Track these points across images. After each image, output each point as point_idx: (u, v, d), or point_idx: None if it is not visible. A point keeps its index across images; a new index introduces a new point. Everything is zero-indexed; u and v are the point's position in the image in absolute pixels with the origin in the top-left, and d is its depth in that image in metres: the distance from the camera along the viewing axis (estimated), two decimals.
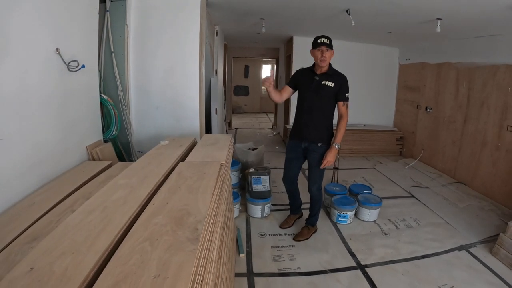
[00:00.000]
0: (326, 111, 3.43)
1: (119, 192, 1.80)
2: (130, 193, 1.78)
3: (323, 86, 3.40)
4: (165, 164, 2.29)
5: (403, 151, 7.47)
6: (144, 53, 4.03)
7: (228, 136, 3.15)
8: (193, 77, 4.00)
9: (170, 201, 1.65)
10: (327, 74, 3.43)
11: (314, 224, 3.82)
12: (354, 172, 6.09)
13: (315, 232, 3.85)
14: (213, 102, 6.26)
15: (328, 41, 3.28)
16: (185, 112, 4.10)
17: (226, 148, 2.71)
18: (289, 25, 5.98)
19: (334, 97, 3.40)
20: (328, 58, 3.34)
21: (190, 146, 2.90)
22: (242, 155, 4.74)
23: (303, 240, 3.70)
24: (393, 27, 5.32)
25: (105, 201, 1.69)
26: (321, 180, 3.60)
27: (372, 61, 7.71)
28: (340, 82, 3.39)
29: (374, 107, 7.90)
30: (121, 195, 1.76)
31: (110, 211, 1.58)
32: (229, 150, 2.78)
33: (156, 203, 1.64)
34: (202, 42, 4.11)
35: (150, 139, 4.19)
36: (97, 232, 1.37)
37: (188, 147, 2.84)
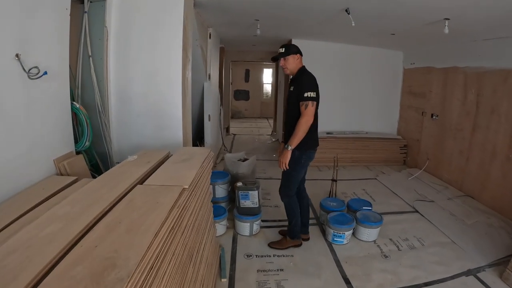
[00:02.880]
0: (295, 117, 3.17)
1: (53, 225, 1.50)
2: (63, 228, 1.47)
3: (290, 93, 3.36)
4: (120, 187, 1.96)
5: (407, 160, 7.09)
6: (125, 57, 3.74)
7: (205, 151, 2.81)
8: (176, 82, 3.68)
9: (101, 244, 1.33)
10: (293, 79, 3.36)
11: (293, 237, 3.58)
12: (355, 184, 5.73)
13: (297, 246, 3.61)
14: (206, 108, 5.97)
15: (283, 49, 3.29)
16: (168, 121, 3.79)
17: (198, 166, 2.38)
18: (286, 27, 5.66)
19: (298, 101, 3.16)
20: (290, 65, 3.30)
21: (160, 162, 2.57)
22: (232, 166, 4.41)
23: (276, 248, 3.57)
24: (397, 28, 4.97)
25: (33, 237, 1.41)
26: (286, 188, 3.42)
27: (375, 65, 7.34)
28: (298, 83, 3.24)
29: (377, 113, 7.54)
30: (53, 230, 1.46)
31: (32, 253, 1.29)
32: (202, 168, 2.46)
33: (84, 245, 1.33)
34: (187, 45, 3.80)
35: (132, 149, 3.87)
36: (4, 284, 1.10)
37: (156, 164, 2.51)
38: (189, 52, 3.86)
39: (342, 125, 7.36)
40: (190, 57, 3.93)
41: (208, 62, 5.84)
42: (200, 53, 5.18)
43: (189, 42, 3.87)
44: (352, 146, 6.82)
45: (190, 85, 4.03)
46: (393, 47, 7.07)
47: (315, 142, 3.38)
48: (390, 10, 3.93)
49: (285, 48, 3.28)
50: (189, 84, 3.99)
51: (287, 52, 3.25)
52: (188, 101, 3.94)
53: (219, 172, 4.54)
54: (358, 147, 6.86)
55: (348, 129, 7.30)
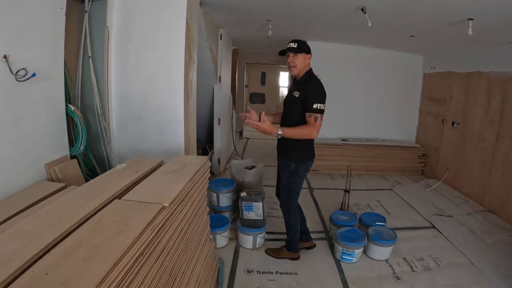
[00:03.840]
0: (293, 125, 2.88)
1: (15, 243, 1.35)
2: (23, 247, 1.31)
3: (292, 98, 3.03)
4: (96, 200, 1.77)
5: (425, 170, 6.74)
6: (126, 58, 3.57)
7: (201, 160, 2.60)
8: (178, 85, 3.48)
9: (52, 272, 1.15)
10: (299, 83, 3.03)
11: (290, 250, 3.39)
12: (369, 195, 5.44)
13: (294, 259, 3.41)
14: (216, 111, 5.78)
15: (295, 45, 2.92)
16: (169, 125, 3.59)
17: (188, 178, 2.17)
18: (299, 28, 5.44)
19: (302, 109, 2.88)
20: (299, 64, 2.95)
21: (149, 172, 2.37)
22: (237, 174, 4.19)
23: (271, 255, 3.47)
24: (416, 29, 4.67)
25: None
26: (288, 201, 3.21)
27: (393, 69, 7.02)
28: (305, 91, 2.88)
29: (394, 120, 7.21)
30: (13, 248, 1.31)
31: None
32: (193, 181, 2.24)
33: (36, 271, 1.16)
34: (191, 46, 3.62)
35: (133, 153, 3.71)
36: None
37: (144, 174, 2.32)
38: (193, 53, 3.68)
39: (358, 131, 7.07)
40: (195, 58, 3.74)
41: (219, 64, 5.65)
42: (209, 54, 4.99)
43: (194, 43, 3.68)
44: (368, 154, 6.53)
45: (194, 88, 3.84)
46: (413, 50, 6.74)
47: (312, 154, 3.14)
48: (408, 9, 3.66)
49: (298, 43, 2.93)
50: (194, 87, 3.80)
51: (299, 49, 2.92)
52: (192, 104, 3.75)
53: (225, 179, 4.34)
54: (374, 155, 6.56)
55: (364, 136, 7.00)
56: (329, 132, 6.83)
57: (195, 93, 3.84)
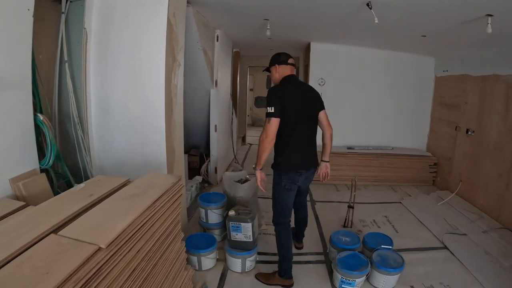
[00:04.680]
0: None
1: None
2: None
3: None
4: (29, 235, 1.46)
5: (436, 180, 6.29)
6: (106, 62, 3.28)
7: (170, 181, 2.24)
8: (159, 91, 3.15)
9: None
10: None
11: (282, 276, 3.06)
12: (376, 209, 5.02)
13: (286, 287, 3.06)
14: (212, 117, 5.44)
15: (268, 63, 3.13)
16: (151, 135, 3.28)
17: (144, 207, 1.81)
18: (301, 29, 5.08)
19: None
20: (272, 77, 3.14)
21: (106, 195, 2.03)
22: (229, 188, 3.83)
23: (261, 281, 3.13)
24: (428, 28, 4.28)
25: None
26: (276, 214, 3.07)
27: (403, 73, 6.61)
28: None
29: (404, 126, 6.78)
30: None
31: None
32: (153, 208, 1.90)
33: None
34: (175, 47, 3.31)
35: (114, 165, 3.46)
36: None
37: (99, 198, 1.98)
38: (178, 55, 3.35)
39: (365, 139, 6.66)
40: (180, 61, 3.41)
41: (215, 67, 5.33)
42: (203, 57, 4.66)
43: (179, 44, 3.35)
44: (375, 164, 6.11)
45: (180, 94, 3.52)
46: (424, 52, 6.31)
47: (294, 165, 2.92)
48: (419, 5, 3.29)
49: (270, 60, 3.10)
50: (179, 92, 3.49)
51: (269, 65, 3.11)
52: (177, 112, 3.43)
53: (215, 194, 3.98)
54: (382, 164, 6.14)
55: (372, 144, 6.60)
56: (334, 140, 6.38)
57: (181, 99, 3.52)
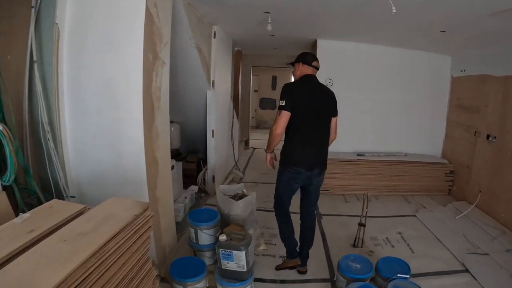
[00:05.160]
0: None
1: None
2: None
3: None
4: None
5: (452, 190, 5.80)
6: (81, 61, 2.85)
7: (133, 212, 1.79)
8: (135, 93, 2.71)
9: None
10: None
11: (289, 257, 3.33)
12: (389, 223, 4.53)
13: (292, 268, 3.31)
14: (209, 122, 5.00)
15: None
16: (128, 145, 2.84)
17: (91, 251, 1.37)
18: (305, 23, 4.60)
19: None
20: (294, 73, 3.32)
21: (50, 231, 1.58)
22: (223, 204, 3.38)
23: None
24: (450, 22, 3.79)
25: None
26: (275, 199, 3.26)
27: (417, 72, 6.10)
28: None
29: (417, 131, 6.27)
30: None
31: None
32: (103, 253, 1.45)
33: None
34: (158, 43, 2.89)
35: (91, 180, 3.03)
36: None
37: (40, 235, 1.54)
38: (162, 52, 2.91)
39: (376, 144, 6.16)
40: (165, 59, 2.98)
41: (212, 66, 4.89)
42: (197, 55, 4.21)
43: (163, 40, 2.92)
44: (387, 172, 5.61)
45: (165, 96, 3.09)
46: (440, 50, 5.81)
47: (293, 162, 2.99)
48: None
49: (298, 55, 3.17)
50: (164, 95, 3.05)
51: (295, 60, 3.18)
52: (160, 119, 2.99)
53: (208, 210, 3.50)
54: (394, 172, 5.63)
55: (383, 150, 6.09)
56: (343, 145, 5.96)
57: (166, 104, 3.08)
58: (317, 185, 3.13)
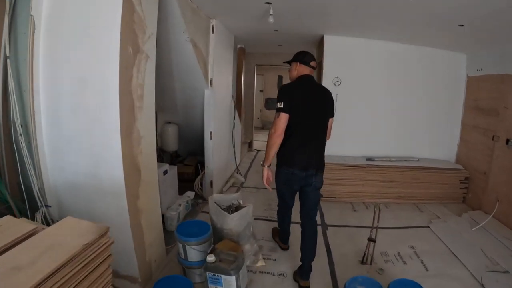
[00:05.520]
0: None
1: None
2: None
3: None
4: None
5: (467, 198, 5.39)
6: (58, 56, 2.55)
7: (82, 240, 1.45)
8: (111, 91, 2.37)
9: None
10: None
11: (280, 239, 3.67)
12: (400, 236, 4.15)
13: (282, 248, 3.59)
14: (206, 123, 4.68)
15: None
16: (104, 152, 2.51)
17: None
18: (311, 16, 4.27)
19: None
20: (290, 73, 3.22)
21: None
22: (216, 217, 3.05)
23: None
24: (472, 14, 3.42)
25: None
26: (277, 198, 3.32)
27: (429, 71, 5.69)
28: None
29: (430, 134, 5.86)
30: None
31: None
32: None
33: None
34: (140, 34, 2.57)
35: (68, 188, 2.73)
36: None
37: None
38: (145, 45, 2.59)
39: (387, 148, 5.77)
40: (149, 53, 2.65)
41: (210, 63, 4.56)
42: (192, 50, 3.88)
43: (146, 31, 2.60)
44: (399, 178, 5.21)
45: (149, 96, 2.78)
46: (454, 47, 5.40)
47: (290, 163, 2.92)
48: None
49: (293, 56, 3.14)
50: (148, 94, 2.73)
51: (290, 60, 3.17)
52: (143, 121, 2.67)
53: (198, 222, 3.14)
54: (406, 179, 5.24)
55: (394, 154, 5.70)
56: (351, 149, 5.65)
57: (151, 103, 2.77)
58: (315, 186, 2.98)
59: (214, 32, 4.53)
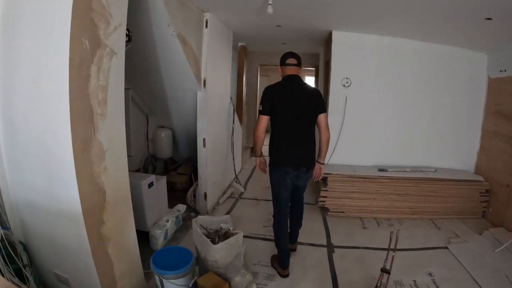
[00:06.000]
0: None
1: None
2: None
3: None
4: None
5: (487, 212, 4.85)
6: (14, 57, 2.10)
7: None
8: (62, 99, 1.89)
9: None
10: None
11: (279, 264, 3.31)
12: (416, 259, 3.62)
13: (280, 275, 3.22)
14: (199, 128, 4.23)
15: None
16: (58, 170, 2.05)
17: None
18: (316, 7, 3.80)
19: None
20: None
21: None
22: (200, 245, 2.57)
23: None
24: (502, 6, 2.95)
25: None
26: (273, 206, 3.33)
27: (446, 72, 5.16)
28: None
29: (445, 141, 5.33)
30: None
31: None
32: None
33: None
34: (102, 25, 2.09)
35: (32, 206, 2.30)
36: None
37: None
38: (110, 39, 2.10)
39: (400, 156, 5.25)
40: (115, 48, 2.17)
41: (203, 61, 4.08)
42: (179, 46, 3.42)
43: (111, 21, 2.12)
44: (414, 191, 4.67)
45: (117, 100, 2.28)
46: (475, 45, 4.88)
47: (280, 163, 3.13)
48: None
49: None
50: (113, 98, 2.23)
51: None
52: (107, 130, 2.18)
53: (179, 250, 2.64)
54: (422, 192, 4.69)
55: (409, 163, 5.18)
56: (361, 158, 5.17)
57: (120, 109, 2.30)
58: (306, 179, 3.28)
59: (207, 27, 4.05)
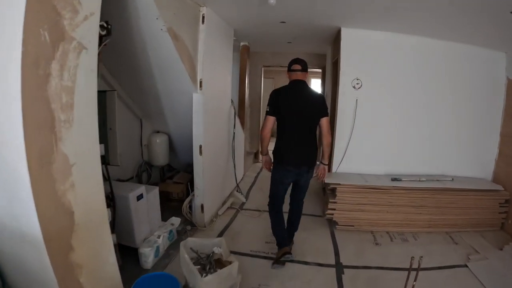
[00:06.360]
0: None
1: None
2: None
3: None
4: None
5: (506, 224, 4.47)
6: None
7: None
8: (13, 104, 1.55)
9: None
10: None
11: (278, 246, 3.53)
12: (434, 280, 3.23)
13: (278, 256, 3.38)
14: (195, 134, 3.90)
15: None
16: (16, 189, 1.70)
17: None
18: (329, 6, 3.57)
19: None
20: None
21: None
22: (188, 274, 2.23)
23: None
24: None
25: None
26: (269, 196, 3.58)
27: (461, 72, 4.80)
28: None
29: (461, 147, 4.96)
30: None
31: None
32: None
33: None
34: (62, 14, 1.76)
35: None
36: None
37: None
38: (77, 31, 1.76)
39: (414, 164, 4.88)
40: (83, 42, 1.82)
41: (199, 60, 3.75)
42: (170, 42, 3.10)
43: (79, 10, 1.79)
44: (430, 203, 4.29)
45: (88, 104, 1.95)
46: (492, 44, 4.53)
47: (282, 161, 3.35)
48: None
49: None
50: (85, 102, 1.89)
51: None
52: (74, 140, 1.83)
53: (164, 277, 2.28)
54: (439, 203, 4.30)
55: (424, 172, 4.78)
56: (373, 166, 4.84)
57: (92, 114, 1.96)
58: (307, 178, 3.45)
59: (204, 23, 3.71)
